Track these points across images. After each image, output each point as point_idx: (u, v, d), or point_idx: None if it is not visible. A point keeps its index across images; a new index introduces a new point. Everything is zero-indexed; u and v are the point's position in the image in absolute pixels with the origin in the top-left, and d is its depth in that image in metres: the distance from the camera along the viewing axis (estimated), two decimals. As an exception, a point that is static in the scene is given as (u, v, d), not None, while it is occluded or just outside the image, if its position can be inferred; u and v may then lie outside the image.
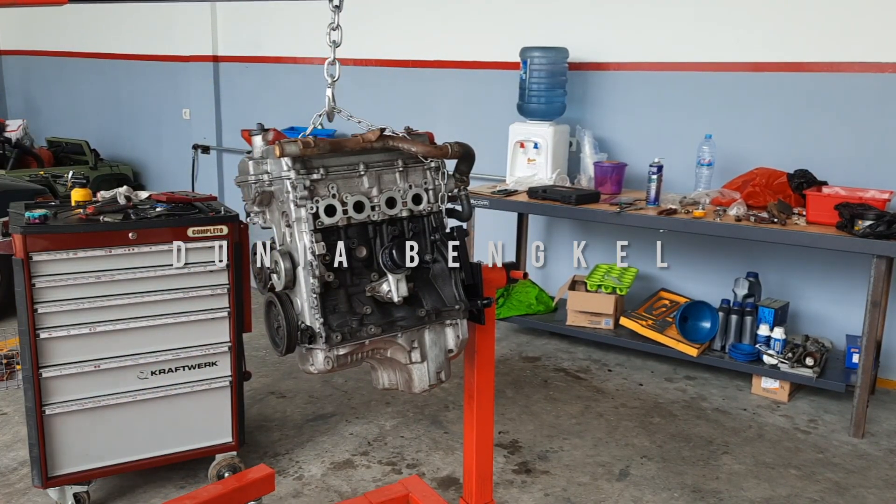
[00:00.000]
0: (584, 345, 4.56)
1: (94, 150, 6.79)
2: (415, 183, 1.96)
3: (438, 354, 1.96)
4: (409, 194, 1.94)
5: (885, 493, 3.04)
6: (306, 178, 1.81)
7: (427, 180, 1.98)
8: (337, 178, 1.86)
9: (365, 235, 1.90)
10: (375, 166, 1.92)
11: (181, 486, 2.98)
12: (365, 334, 1.83)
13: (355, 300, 1.87)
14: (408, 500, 2.39)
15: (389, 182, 1.94)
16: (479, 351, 2.06)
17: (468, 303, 1.95)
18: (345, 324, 1.82)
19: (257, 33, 6.23)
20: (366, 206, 1.87)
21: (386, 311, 1.89)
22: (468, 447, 2.14)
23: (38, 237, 2.49)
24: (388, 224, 1.92)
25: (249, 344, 3.61)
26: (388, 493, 2.40)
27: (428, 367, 1.96)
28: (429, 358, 1.96)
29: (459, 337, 1.98)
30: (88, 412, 2.68)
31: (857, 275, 3.94)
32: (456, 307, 1.93)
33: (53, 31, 7.74)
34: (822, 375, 3.76)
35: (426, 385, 1.96)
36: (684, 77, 4.41)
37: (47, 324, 2.56)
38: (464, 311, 1.95)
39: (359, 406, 3.74)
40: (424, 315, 1.90)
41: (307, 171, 1.82)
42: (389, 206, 1.91)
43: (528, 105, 4.53)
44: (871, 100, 3.96)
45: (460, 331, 1.98)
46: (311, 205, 1.80)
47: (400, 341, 1.91)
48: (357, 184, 1.90)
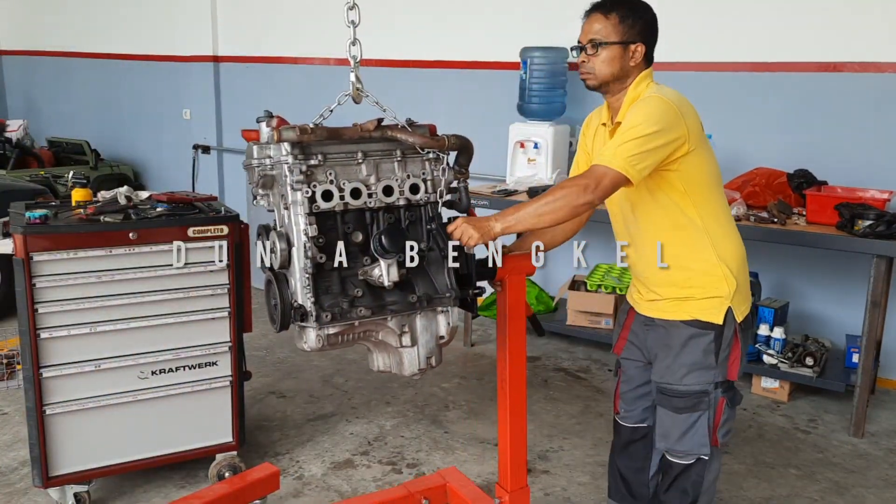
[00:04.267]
0: (584, 345, 4.56)
1: (94, 151, 6.79)
2: (413, 173, 2.01)
3: (429, 340, 2.02)
4: (407, 184, 1.99)
5: (884, 493, 3.04)
6: (303, 163, 1.88)
7: (426, 171, 2.03)
8: (335, 165, 1.93)
9: (362, 221, 1.96)
10: (374, 155, 1.98)
11: (181, 486, 2.98)
12: (354, 315, 1.89)
13: (348, 283, 1.92)
14: (445, 490, 2.45)
15: (388, 171, 2.00)
16: (510, 336, 2.11)
17: (459, 291, 1.99)
18: (335, 304, 1.87)
19: (258, 33, 6.24)
20: (363, 193, 1.93)
21: (378, 294, 1.94)
22: (503, 433, 2.19)
23: (39, 237, 2.49)
24: (385, 211, 1.98)
25: (249, 344, 3.61)
26: (427, 483, 2.48)
27: (418, 351, 2.01)
28: (419, 343, 2.01)
29: (450, 324, 2.03)
30: (89, 412, 2.68)
31: (857, 275, 3.94)
32: (447, 295, 1.97)
33: (54, 32, 7.74)
34: (822, 375, 3.76)
35: (416, 369, 2.01)
36: (684, 77, 4.41)
37: (48, 324, 2.56)
38: (454, 300, 1.99)
39: (359, 406, 3.74)
40: (415, 301, 1.95)
41: (305, 157, 1.88)
42: (386, 194, 1.96)
43: (528, 105, 4.53)
44: (871, 100, 3.96)
45: (451, 318, 2.03)
46: (308, 189, 1.86)
47: (390, 325, 1.96)
48: (355, 171, 1.96)
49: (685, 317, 2.10)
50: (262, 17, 6.21)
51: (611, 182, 1.91)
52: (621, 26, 2.03)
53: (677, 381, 2.11)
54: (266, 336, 4.51)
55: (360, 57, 2.03)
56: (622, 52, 2.04)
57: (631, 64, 2.06)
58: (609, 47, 2.03)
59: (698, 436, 2.11)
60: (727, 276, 2.07)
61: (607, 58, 2.04)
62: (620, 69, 2.05)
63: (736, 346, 2.12)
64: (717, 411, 2.11)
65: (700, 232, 2.06)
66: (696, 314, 2.09)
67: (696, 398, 2.10)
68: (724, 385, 2.12)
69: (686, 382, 2.10)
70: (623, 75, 2.06)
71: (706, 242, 2.06)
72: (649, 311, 2.20)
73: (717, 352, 2.08)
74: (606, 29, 2.03)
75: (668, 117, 1.95)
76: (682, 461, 2.16)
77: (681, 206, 2.05)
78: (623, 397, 2.38)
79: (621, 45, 2.03)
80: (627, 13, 2.04)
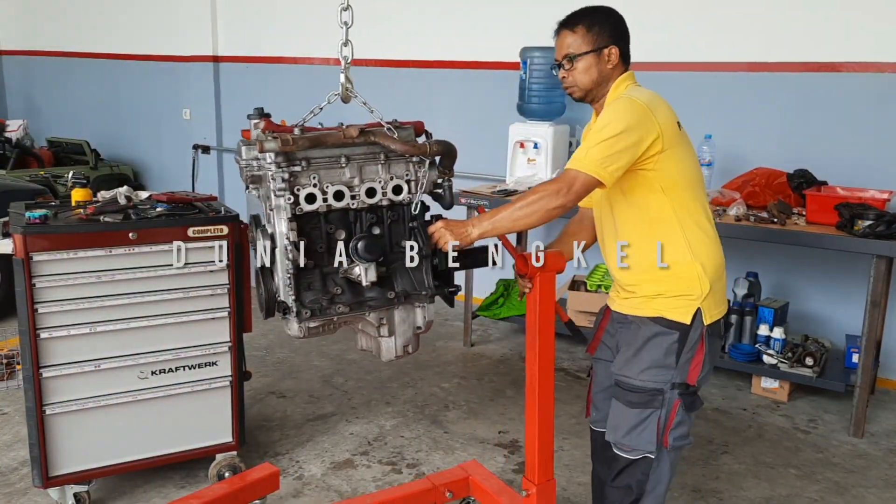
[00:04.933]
0: (584, 345, 4.55)
1: (94, 150, 6.79)
2: (397, 174, 2.08)
3: (406, 330, 2.12)
4: (390, 185, 2.05)
5: (884, 493, 3.04)
6: (286, 170, 1.93)
7: (409, 172, 2.09)
8: (319, 169, 1.98)
9: (345, 221, 2.03)
10: (357, 158, 2.04)
11: (181, 486, 2.98)
12: (333, 312, 1.98)
13: (329, 279, 2.00)
14: (468, 483, 2.49)
15: (371, 173, 2.06)
16: (541, 333, 2.13)
17: (435, 289, 2.07)
18: (316, 301, 1.97)
19: (258, 33, 6.24)
20: (345, 195, 2.00)
21: (357, 290, 2.02)
22: (530, 427, 2.22)
23: (39, 237, 2.49)
24: (368, 211, 2.04)
25: (249, 344, 3.62)
26: (449, 476, 2.52)
27: (395, 341, 2.11)
28: (397, 333, 2.11)
29: (426, 318, 2.14)
30: (89, 412, 2.68)
31: (857, 275, 3.94)
32: (423, 293, 2.06)
33: (54, 31, 7.74)
34: (822, 375, 3.76)
35: (392, 356, 2.13)
36: (684, 77, 4.41)
37: (47, 324, 2.56)
38: (431, 298, 2.08)
39: (359, 406, 3.74)
40: (393, 297, 2.04)
41: (289, 163, 1.94)
42: (369, 196, 2.03)
43: (528, 105, 4.53)
44: (871, 100, 3.96)
45: (428, 312, 2.13)
46: (289, 196, 1.92)
47: (369, 318, 2.06)
48: (339, 174, 2.01)
49: (652, 313, 2.10)
50: (261, 17, 6.21)
51: (582, 185, 1.95)
52: (589, 35, 2.10)
53: (634, 376, 2.11)
54: (266, 336, 4.51)
55: (351, 58, 2.10)
56: (597, 59, 2.11)
57: (609, 67, 2.12)
58: (583, 58, 2.11)
59: (647, 433, 2.10)
60: (701, 278, 2.07)
61: (584, 68, 2.11)
62: (599, 75, 2.12)
63: (700, 350, 2.09)
64: (670, 412, 2.10)
65: (677, 231, 2.06)
66: (664, 312, 2.08)
67: (650, 395, 2.09)
68: (681, 387, 2.10)
69: (642, 378, 2.09)
70: (603, 80, 2.13)
71: (682, 242, 2.07)
72: (621, 307, 2.21)
73: (678, 352, 2.07)
74: (576, 42, 2.11)
75: (637, 116, 1.98)
76: (627, 455, 2.14)
77: (658, 205, 2.06)
78: (594, 400, 2.38)
79: (594, 53, 2.11)
80: (592, 22, 2.11)
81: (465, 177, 5.04)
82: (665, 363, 2.08)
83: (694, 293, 2.07)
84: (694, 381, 2.11)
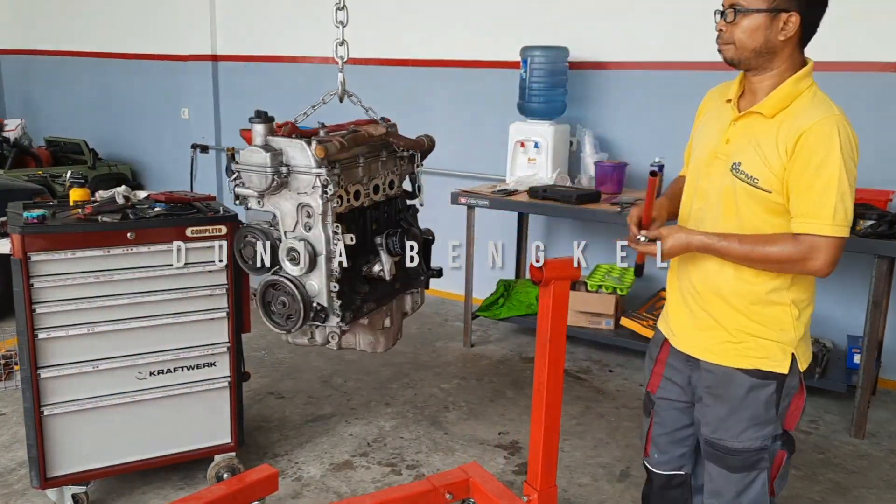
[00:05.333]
0: (584, 345, 4.55)
1: (92, 150, 6.77)
2: (391, 171, 2.15)
3: (399, 318, 2.24)
4: (387, 181, 2.13)
5: (885, 494, 3.04)
6: (334, 174, 1.90)
7: (396, 167, 2.17)
8: (343, 171, 1.99)
9: (354, 220, 2.05)
10: (368, 157, 2.08)
11: (180, 486, 2.97)
12: (366, 310, 2.04)
13: (355, 281, 2.04)
14: (468, 485, 2.50)
15: (374, 171, 2.10)
16: (552, 339, 2.12)
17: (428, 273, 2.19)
18: (351, 302, 1.99)
19: (256, 32, 6.22)
20: (362, 194, 2.03)
21: (374, 287, 2.08)
22: (536, 433, 2.22)
23: (37, 237, 2.48)
24: (373, 209, 2.11)
25: (248, 344, 3.60)
26: (450, 478, 2.52)
27: (392, 330, 2.22)
28: (395, 322, 2.22)
29: (417, 302, 2.26)
30: (87, 413, 2.67)
31: (858, 275, 3.93)
32: (421, 278, 2.17)
33: (52, 31, 7.72)
34: (823, 376, 3.75)
35: (390, 344, 2.21)
36: (685, 76, 4.40)
37: (46, 324, 2.55)
38: (426, 283, 2.19)
39: (358, 407, 3.72)
40: (399, 287, 2.14)
41: (330, 168, 1.91)
42: (375, 192, 2.09)
43: (528, 104, 4.52)
44: (871, 100, 3.95)
45: (419, 297, 2.24)
46: (337, 200, 1.92)
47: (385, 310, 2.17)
48: (355, 174, 2.04)
49: (744, 365, 1.81)
50: (260, 16, 6.19)
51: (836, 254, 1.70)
52: None
53: (733, 438, 1.84)
54: (265, 337, 4.50)
55: (346, 57, 2.14)
56: (769, 22, 1.69)
57: (780, 38, 1.71)
58: (752, 15, 1.70)
59: (757, 495, 1.85)
60: (796, 319, 1.80)
61: (749, 27, 1.70)
62: (765, 42, 1.71)
63: (799, 396, 1.87)
64: (776, 465, 1.88)
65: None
66: (758, 363, 1.80)
67: (755, 455, 1.84)
68: (783, 437, 1.87)
69: (743, 439, 1.83)
70: (768, 51, 1.73)
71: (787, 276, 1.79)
72: (693, 349, 1.90)
73: (777, 403, 1.81)
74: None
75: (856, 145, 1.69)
76: None
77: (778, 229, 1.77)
78: (655, 441, 2.08)
79: (768, 14, 1.69)
80: None
81: (466, 176, 5.04)
82: (766, 418, 1.82)
83: (787, 338, 1.81)
84: (793, 427, 1.90)
